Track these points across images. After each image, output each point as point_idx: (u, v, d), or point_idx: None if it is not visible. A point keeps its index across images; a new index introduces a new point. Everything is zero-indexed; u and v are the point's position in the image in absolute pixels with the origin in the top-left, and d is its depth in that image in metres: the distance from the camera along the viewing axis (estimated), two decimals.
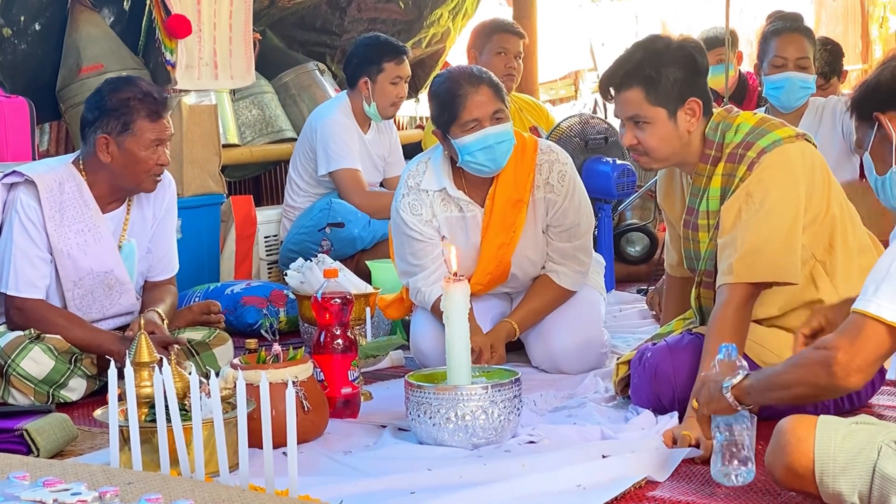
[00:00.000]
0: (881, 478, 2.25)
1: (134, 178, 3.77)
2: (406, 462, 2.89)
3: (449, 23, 7.56)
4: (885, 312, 2.29)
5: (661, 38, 3.20)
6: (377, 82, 5.35)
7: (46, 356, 3.62)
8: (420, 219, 3.83)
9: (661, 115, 3.11)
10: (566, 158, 3.90)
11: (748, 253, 3.00)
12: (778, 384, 2.46)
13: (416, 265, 3.86)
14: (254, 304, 4.71)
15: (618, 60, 3.17)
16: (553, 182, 3.84)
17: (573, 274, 3.92)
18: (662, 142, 3.13)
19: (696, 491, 2.63)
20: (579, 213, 3.89)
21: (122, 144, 3.72)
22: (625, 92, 3.12)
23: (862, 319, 2.31)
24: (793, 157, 3.06)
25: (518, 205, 3.83)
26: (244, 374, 2.79)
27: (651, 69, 3.09)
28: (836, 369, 2.32)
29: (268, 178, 6.78)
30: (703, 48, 3.24)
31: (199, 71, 5.69)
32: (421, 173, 3.87)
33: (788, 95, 4.75)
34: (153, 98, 3.73)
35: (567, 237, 3.89)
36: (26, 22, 5.45)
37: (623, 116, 3.16)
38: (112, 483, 2.30)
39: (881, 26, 12.35)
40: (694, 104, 3.12)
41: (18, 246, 3.73)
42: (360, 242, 5.16)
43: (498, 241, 3.85)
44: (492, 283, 3.93)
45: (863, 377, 2.33)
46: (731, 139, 3.13)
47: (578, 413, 3.31)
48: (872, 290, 2.31)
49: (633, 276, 5.73)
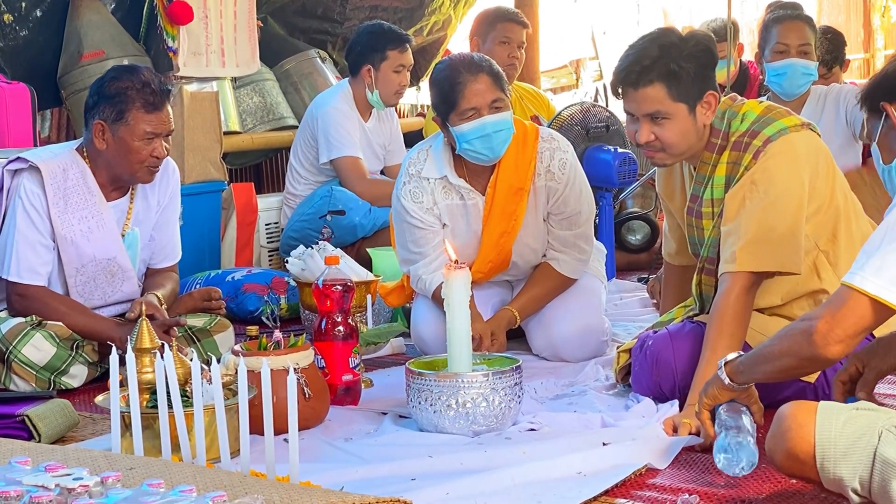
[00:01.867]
0: (882, 462, 2.25)
1: (128, 168, 3.76)
2: (407, 449, 2.90)
3: (450, 11, 7.55)
4: (868, 286, 2.32)
5: (672, 32, 3.16)
6: (380, 70, 5.34)
7: (48, 343, 3.63)
8: (421, 206, 3.83)
9: (682, 110, 3.07)
10: (567, 146, 3.90)
11: (751, 242, 3.00)
12: (764, 357, 2.53)
13: (417, 253, 3.87)
14: (255, 291, 4.71)
15: (631, 57, 3.09)
16: (554, 170, 3.84)
17: (574, 262, 3.92)
18: (682, 137, 3.10)
19: (697, 479, 2.63)
20: (580, 201, 3.89)
21: (116, 133, 3.72)
22: (644, 88, 3.05)
23: (847, 291, 2.35)
24: (798, 147, 3.05)
25: (519, 193, 3.83)
26: (245, 361, 2.79)
27: (673, 63, 3.04)
28: (816, 338, 2.36)
29: (269, 165, 6.78)
30: (713, 39, 3.22)
31: (207, 58, 5.70)
32: (422, 161, 3.87)
33: (791, 82, 4.73)
34: (151, 89, 3.71)
35: (568, 225, 3.89)
36: (28, 8, 5.44)
37: (640, 113, 3.08)
38: (114, 468, 2.31)
39: (883, 15, 12.34)
40: (711, 97, 3.10)
41: (21, 232, 3.73)
42: (361, 230, 5.16)
43: (499, 229, 3.85)
44: (493, 272, 3.93)
45: (843, 348, 2.37)
46: (736, 127, 3.12)
47: (579, 401, 3.31)
48: (861, 262, 2.35)
49: (633, 264, 5.73)
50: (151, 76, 3.77)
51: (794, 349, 2.44)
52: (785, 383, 3.07)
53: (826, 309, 2.38)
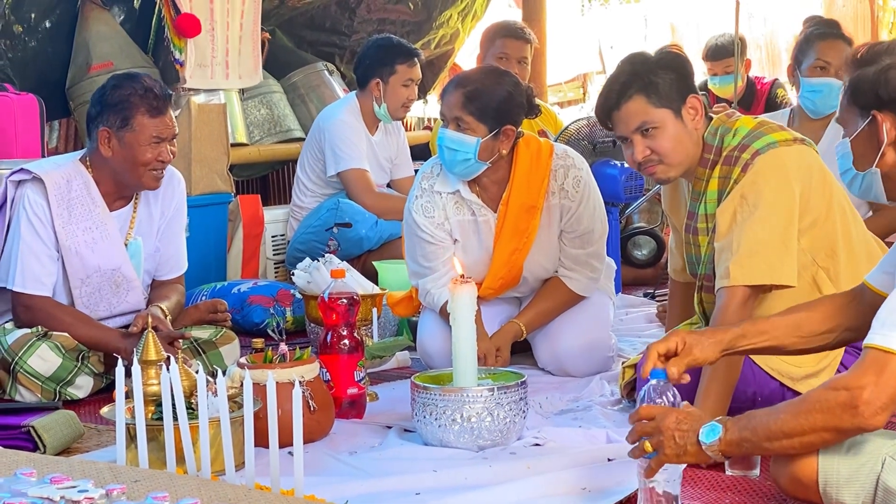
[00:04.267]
0: (884, 491, 2.24)
1: (134, 174, 3.77)
2: (411, 463, 2.90)
3: (458, 24, 7.56)
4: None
5: (641, 52, 3.26)
6: (389, 84, 5.35)
7: (54, 354, 3.63)
8: (432, 221, 3.84)
9: (667, 115, 3.11)
10: (582, 163, 3.89)
11: (744, 255, 3.01)
12: (784, 432, 2.29)
13: (427, 267, 3.87)
14: (260, 303, 4.71)
15: (607, 84, 3.19)
16: (568, 188, 3.83)
17: (585, 280, 3.91)
18: (675, 144, 3.12)
19: (701, 496, 2.63)
20: (594, 219, 3.88)
21: (122, 139, 3.73)
22: (626, 104, 3.11)
23: (884, 356, 2.20)
24: (786, 160, 3.06)
25: (532, 211, 3.82)
26: (251, 374, 2.78)
27: (646, 75, 3.11)
28: (862, 409, 2.19)
29: (275, 177, 6.79)
30: (681, 48, 3.27)
31: (212, 70, 5.71)
32: (435, 175, 3.88)
33: (825, 101, 4.59)
34: (154, 94, 3.72)
35: (580, 243, 3.89)
36: (37, 19, 5.46)
37: (628, 131, 3.13)
38: (119, 481, 2.31)
39: (891, 32, 12.34)
40: (695, 101, 3.14)
41: (26, 243, 3.74)
42: (367, 243, 5.17)
43: (511, 246, 3.84)
44: (503, 288, 3.93)
45: (887, 415, 2.23)
46: (728, 142, 3.14)
47: (584, 416, 3.31)
48: (891, 323, 2.21)
49: (639, 279, 5.73)
50: (152, 82, 3.78)
51: (833, 423, 2.23)
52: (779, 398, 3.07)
53: (866, 377, 2.20)
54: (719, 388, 2.94)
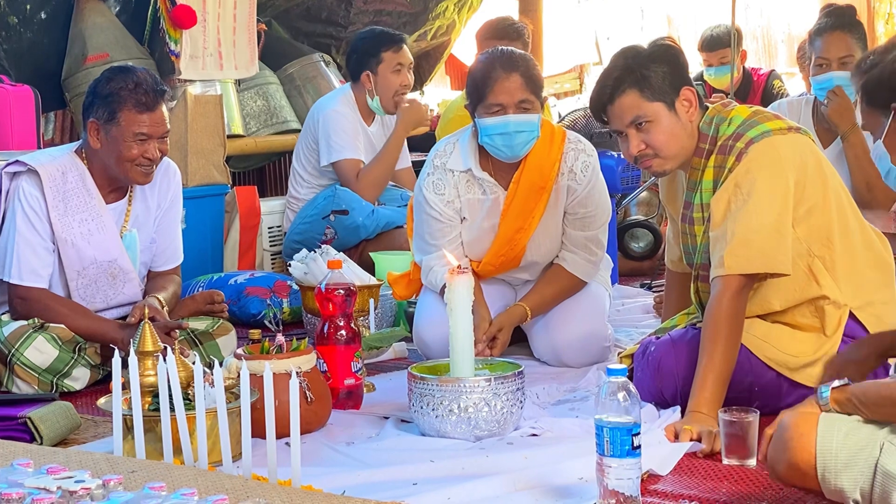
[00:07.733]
0: (883, 475, 2.25)
1: (121, 168, 3.75)
2: (408, 453, 2.90)
3: (454, 15, 7.55)
4: None
5: (635, 45, 3.25)
6: (379, 73, 5.34)
7: (50, 345, 3.63)
8: (442, 199, 3.84)
9: (660, 109, 3.11)
10: (592, 151, 3.92)
11: (738, 244, 3.01)
12: (893, 400, 2.29)
13: (433, 245, 3.88)
14: (257, 294, 4.71)
15: (601, 79, 3.19)
16: (577, 171, 3.85)
17: (583, 262, 3.92)
18: (670, 137, 3.13)
19: (699, 485, 2.63)
20: (597, 206, 3.89)
21: (108, 133, 3.72)
22: (619, 98, 3.12)
23: None
24: (780, 148, 3.06)
25: (540, 192, 3.83)
26: (248, 364, 2.79)
27: (638, 69, 3.11)
28: None
29: (272, 168, 6.79)
30: (677, 44, 3.27)
31: (203, 61, 5.70)
32: (448, 153, 3.88)
33: None
34: (143, 90, 3.69)
35: (581, 226, 3.90)
36: (32, 10, 5.45)
37: (623, 125, 3.14)
38: (115, 471, 2.31)
39: (887, 22, 12.33)
40: (688, 93, 3.14)
41: (21, 234, 3.73)
42: (364, 231, 5.17)
43: (516, 224, 3.85)
44: (503, 267, 3.94)
45: None
46: (723, 132, 3.14)
47: (581, 406, 3.31)
48: None
49: (636, 271, 5.73)
50: (146, 76, 3.74)
51: None
52: (787, 390, 3.08)
53: None
54: (716, 377, 2.95)
